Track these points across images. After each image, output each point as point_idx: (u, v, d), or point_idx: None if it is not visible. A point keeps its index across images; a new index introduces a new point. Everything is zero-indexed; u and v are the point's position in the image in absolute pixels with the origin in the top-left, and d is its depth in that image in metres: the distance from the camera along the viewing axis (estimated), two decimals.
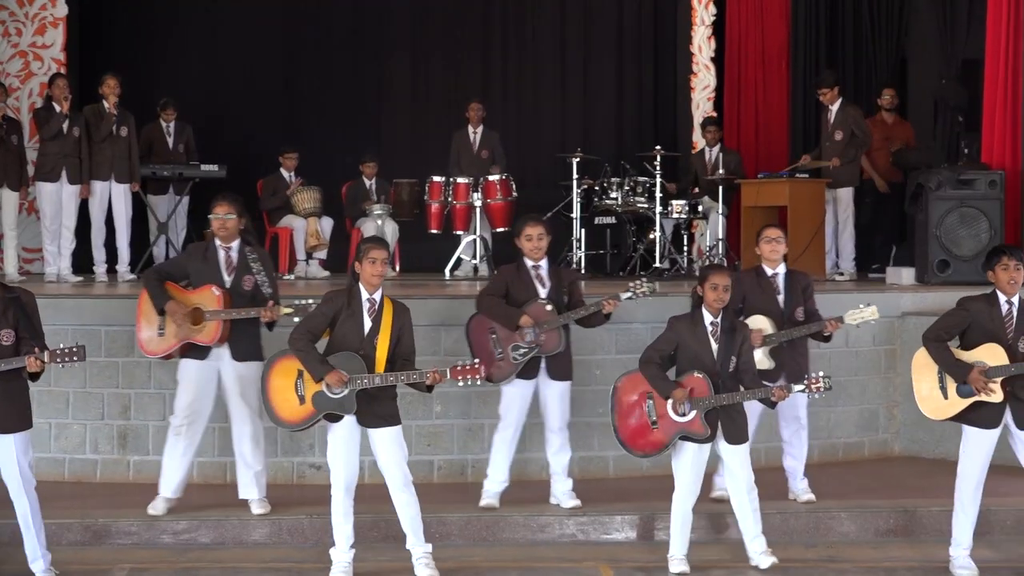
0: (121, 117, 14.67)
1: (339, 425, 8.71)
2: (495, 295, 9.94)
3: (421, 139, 18.75)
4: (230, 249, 9.84)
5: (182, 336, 9.68)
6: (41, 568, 8.61)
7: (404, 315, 8.84)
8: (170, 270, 10.04)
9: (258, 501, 9.95)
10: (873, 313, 9.93)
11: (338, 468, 8.75)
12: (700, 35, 18.41)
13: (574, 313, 9.89)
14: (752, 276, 10.12)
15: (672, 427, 8.86)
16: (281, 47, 18.97)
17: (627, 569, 9.11)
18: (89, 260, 14.85)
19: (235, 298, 9.70)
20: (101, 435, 11.09)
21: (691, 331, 8.91)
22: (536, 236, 9.95)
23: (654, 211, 15.83)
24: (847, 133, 15.53)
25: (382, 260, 8.75)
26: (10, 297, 8.50)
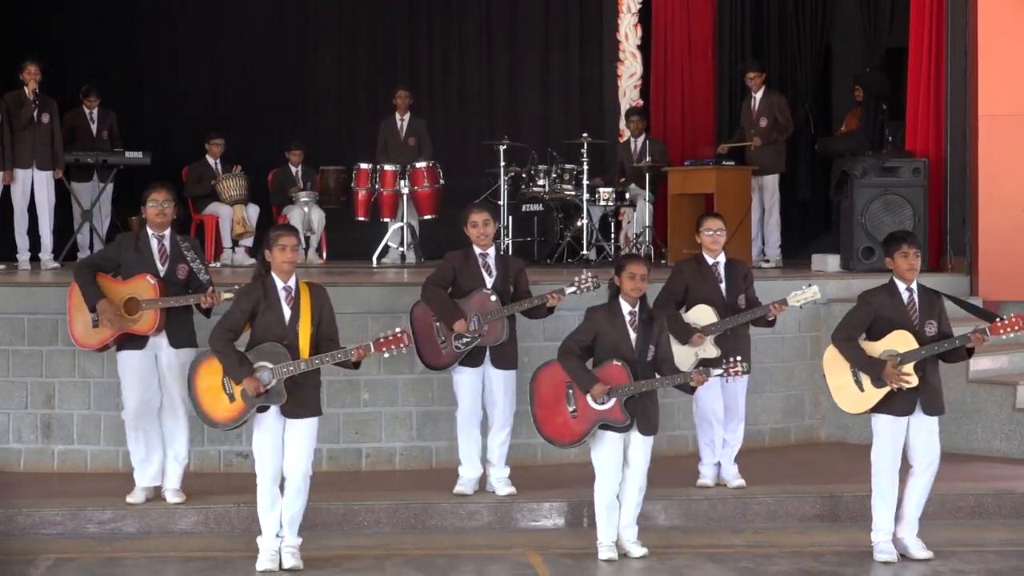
0: (42, 103, 14.52)
1: (264, 416, 8.66)
2: (440, 285, 9.90)
3: (348, 126, 18.69)
4: (163, 238, 9.76)
5: (117, 327, 9.60)
6: None
7: (321, 296, 8.80)
8: (100, 262, 9.93)
9: (174, 491, 9.88)
10: (815, 293, 10.01)
11: (264, 458, 8.71)
12: (626, 23, 18.40)
13: (518, 305, 9.89)
14: (694, 265, 10.16)
15: (592, 415, 8.87)
16: (206, 33, 18.85)
17: (555, 556, 9.11)
18: (12, 248, 14.70)
19: (169, 287, 9.63)
20: (24, 424, 10.97)
21: (609, 321, 8.91)
22: (481, 222, 9.92)
23: (581, 199, 15.84)
24: (771, 120, 15.63)
25: (292, 247, 8.70)
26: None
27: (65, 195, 15.42)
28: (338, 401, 10.83)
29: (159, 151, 15.96)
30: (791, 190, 16.93)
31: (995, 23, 13.56)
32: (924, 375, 8.77)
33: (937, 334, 8.82)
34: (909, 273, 8.87)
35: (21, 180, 14.54)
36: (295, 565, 8.67)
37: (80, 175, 15.71)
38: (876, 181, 13.89)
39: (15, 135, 14.44)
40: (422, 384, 10.98)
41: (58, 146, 14.76)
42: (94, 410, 10.89)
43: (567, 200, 16.10)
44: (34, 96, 14.45)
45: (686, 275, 10.12)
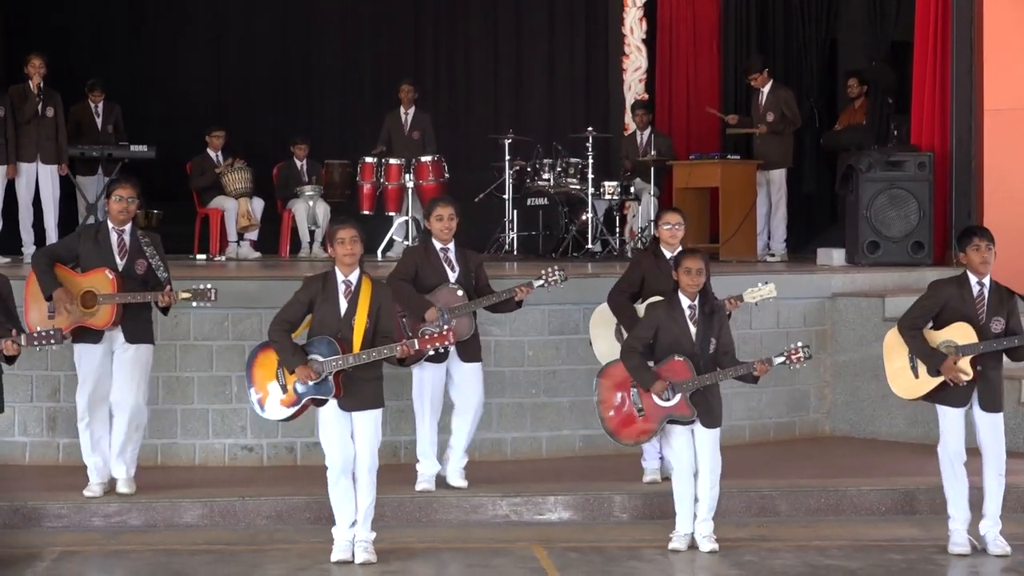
0: (47, 97, 14.52)
1: (325, 408, 8.69)
2: (404, 279, 9.86)
3: (352, 120, 18.68)
4: (123, 232, 9.71)
5: (73, 320, 9.55)
6: None
7: (381, 293, 8.79)
8: (60, 252, 9.89)
9: (125, 481, 9.85)
10: (771, 291, 9.94)
11: (331, 450, 8.72)
12: (632, 16, 18.40)
13: (486, 299, 9.89)
14: (651, 258, 10.07)
15: (659, 412, 8.87)
16: (211, 27, 18.85)
17: (560, 550, 9.10)
18: (17, 241, 14.70)
19: (127, 282, 9.57)
20: (30, 417, 10.99)
21: (669, 316, 8.92)
22: (446, 216, 9.90)
23: (586, 192, 15.83)
24: (778, 114, 15.62)
25: (351, 239, 8.67)
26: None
27: (70, 189, 15.42)
28: None
29: (163, 145, 15.96)
30: (797, 184, 16.90)
31: (1000, 17, 13.55)
32: (983, 371, 8.78)
33: (1003, 331, 8.79)
34: (982, 267, 8.85)
35: (26, 174, 14.54)
36: (367, 559, 8.68)
37: (85, 168, 15.72)
38: (881, 175, 13.86)
39: (19, 129, 14.43)
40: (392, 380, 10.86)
41: (62, 140, 14.76)
42: None
43: (572, 194, 16.08)
44: (38, 90, 14.45)
45: (642, 268, 10.05)
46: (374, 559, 8.69)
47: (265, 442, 11.01)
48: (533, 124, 18.27)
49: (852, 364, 12.13)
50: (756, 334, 11.28)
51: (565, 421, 11.26)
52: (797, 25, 18.34)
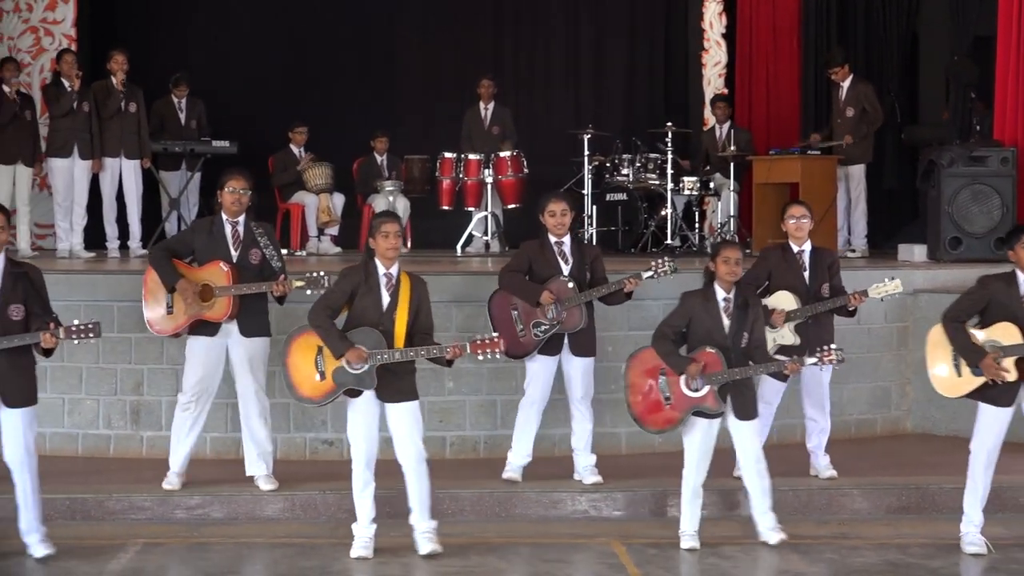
0: (129, 93, 14.68)
1: (358, 400, 8.72)
2: (518, 271, 9.94)
3: (433, 115, 18.72)
4: (237, 224, 9.83)
5: (192, 314, 9.67)
6: (36, 540, 8.62)
7: (421, 289, 8.84)
8: (176, 247, 10.00)
9: (265, 477, 9.96)
10: (897, 286, 9.95)
11: (358, 443, 8.78)
12: (711, 11, 18.37)
13: (596, 291, 9.90)
14: (778, 252, 10.12)
15: (685, 403, 8.87)
16: (292, 21, 18.92)
17: (639, 545, 9.10)
18: (101, 236, 14.87)
19: (242, 273, 9.68)
20: (114, 411, 11.12)
21: (703, 306, 8.92)
22: (559, 212, 9.94)
23: (666, 188, 15.81)
24: (859, 110, 15.52)
25: (395, 233, 8.73)
26: (18, 272, 8.54)
27: (154, 184, 15.57)
28: (423, 389, 10.75)
29: (245, 140, 16.07)
30: (877, 179, 16.80)
31: None
32: None
33: None
34: None
35: (110, 169, 14.71)
36: (433, 550, 8.71)
37: (168, 164, 15.85)
38: (964, 171, 13.74)
39: (103, 124, 14.59)
40: (505, 373, 11.00)
41: (145, 135, 14.91)
42: None
43: (651, 189, 16.07)
44: (121, 86, 14.60)
45: (770, 262, 10.09)
46: (440, 548, 8.72)
47: (345, 436, 11.01)
48: (612, 119, 18.27)
49: None
50: (837, 331, 11.16)
51: None
52: (878, 19, 18.23)
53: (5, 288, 8.47)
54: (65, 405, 11.02)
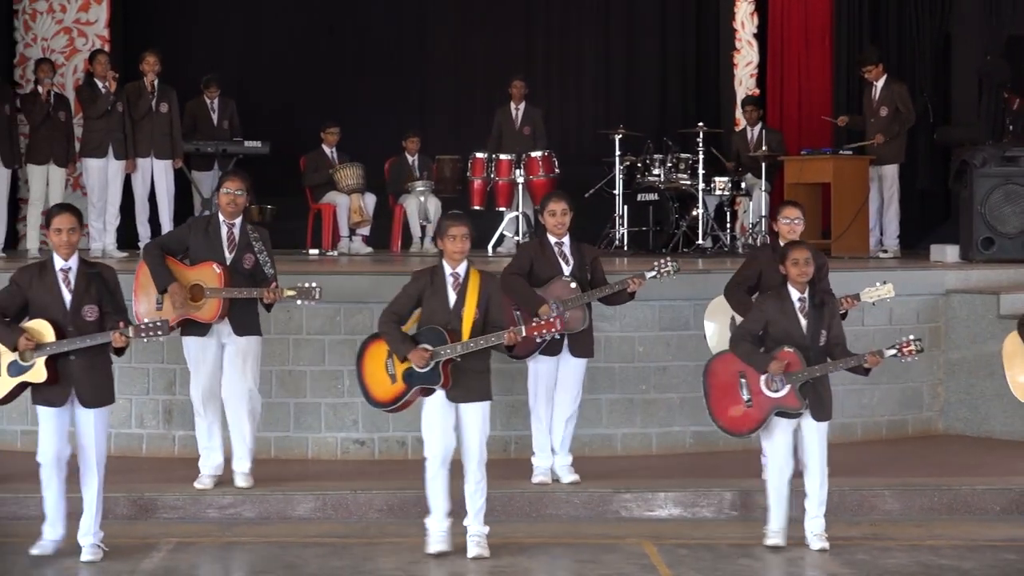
0: (161, 94, 14.76)
1: (432, 398, 8.74)
2: (518, 274, 9.89)
3: (464, 115, 18.73)
4: (233, 226, 9.83)
5: (181, 312, 9.67)
6: (90, 543, 8.63)
7: (491, 284, 8.82)
8: (170, 243, 10.01)
9: (244, 475, 9.96)
10: (889, 291, 9.87)
11: (432, 440, 8.77)
12: (743, 11, 18.34)
13: (598, 291, 9.90)
14: (768, 252, 10.03)
15: (767, 403, 8.82)
16: (323, 22, 18.96)
17: (670, 546, 9.08)
18: (134, 236, 14.93)
19: (235, 276, 9.68)
20: (146, 410, 11.16)
21: (779, 308, 8.87)
22: (559, 212, 9.93)
23: (697, 188, 15.79)
24: (892, 109, 15.48)
25: (462, 236, 8.72)
26: (92, 273, 8.60)
27: (186, 184, 15.63)
28: None
29: (277, 140, 16.11)
30: (910, 180, 16.74)
31: None
32: None
33: None
34: None
35: (141, 169, 14.79)
36: (479, 553, 8.70)
37: (201, 164, 15.91)
38: (996, 171, 13.70)
39: (135, 125, 14.67)
40: (505, 374, 10.94)
41: (177, 135, 14.98)
42: None
43: (683, 189, 16.05)
44: (152, 87, 14.68)
45: (760, 261, 9.98)
46: (487, 553, 8.71)
47: (377, 436, 11.10)
48: (643, 119, 18.23)
49: (966, 361, 12.01)
50: (868, 331, 11.19)
51: (675, 417, 11.24)
52: (910, 19, 18.16)
53: (79, 289, 8.53)
54: None
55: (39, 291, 8.53)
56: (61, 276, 8.55)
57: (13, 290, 8.60)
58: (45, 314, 8.48)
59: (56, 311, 8.49)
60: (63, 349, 8.41)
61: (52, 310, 8.49)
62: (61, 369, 8.48)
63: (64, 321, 8.47)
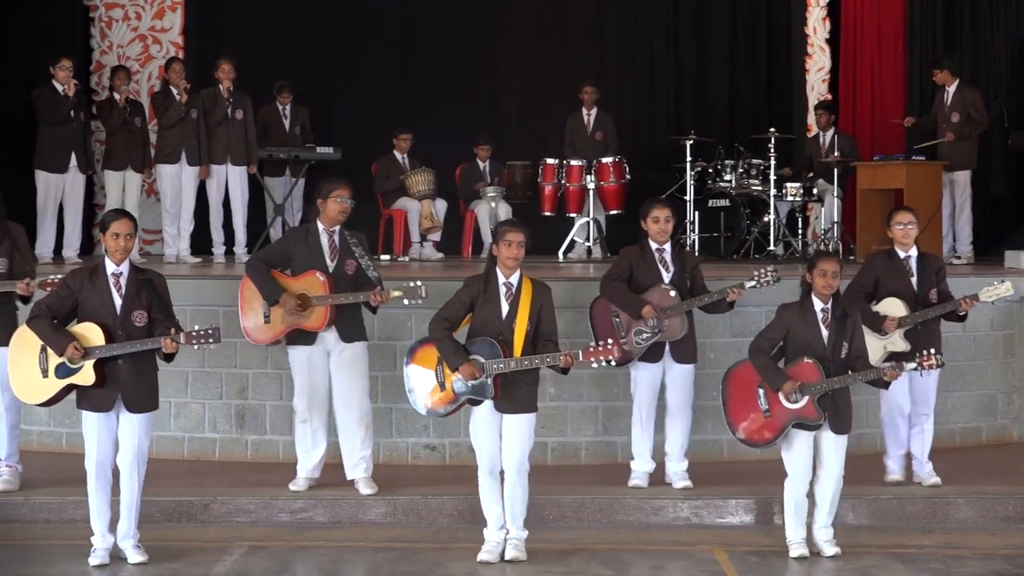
0: (236, 100, 14.87)
1: (480, 408, 8.77)
2: (619, 279, 9.95)
3: (535, 121, 18.74)
4: (333, 234, 9.91)
5: (289, 323, 9.76)
6: (131, 546, 8.72)
7: (543, 295, 8.83)
8: (272, 257, 10.08)
9: (365, 480, 10.02)
10: (1008, 289, 9.87)
11: (481, 451, 8.83)
12: (815, 16, 18.24)
13: (698, 300, 9.90)
14: (884, 259, 10.05)
15: (785, 415, 8.81)
16: (395, 28, 19.04)
17: (741, 553, 9.08)
18: (207, 241, 15.05)
19: (338, 283, 9.75)
20: (219, 414, 11.24)
21: (801, 318, 8.86)
22: (663, 218, 9.95)
23: (768, 194, 15.74)
24: (964, 115, 15.37)
25: (518, 243, 8.75)
26: (143, 279, 8.68)
27: (259, 190, 15.72)
28: None
29: (349, 146, 16.17)
30: (983, 186, 16.61)
31: None
32: None
33: None
34: None
35: (216, 175, 14.91)
36: (515, 556, 8.75)
37: (273, 170, 15.98)
38: None
39: (210, 131, 14.80)
40: (607, 379, 11.01)
41: (251, 142, 15.08)
42: (286, 401, 11.06)
43: (754, 195, 16.00)
44: (228, 93, 14.79)
45: (876, 268, 10.01)
46: (523, 556, 8.76)
47: (447, 441, 11.13)
48: (715, 125, 18.19)
49: None
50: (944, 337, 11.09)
51: None
52: (984, 24, 18.01)
53: (129, 295, 8.62)
54: (171, 409, 11.15)
55: (90, 294, 8.63)
56: (112, 280, 8.64)
57: (64, 293, 8.71)
58: (95, 317, 8.59)
59: (106, 315, 8.59)
60: (113, 353, 8.51)
61: (102, 314, 8.59)
62: (109, 373, 8.57)
63: (114, 325, 8.57)
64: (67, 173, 14.47)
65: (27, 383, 8.83)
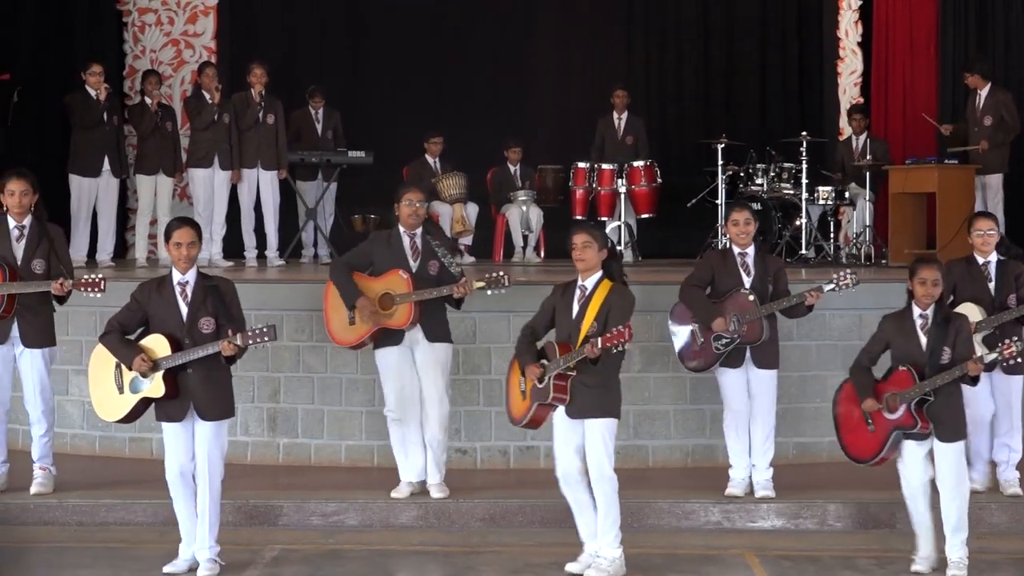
0: (268, 105, 14.90)
1: (555, 415, 8.64)
2: (698, 285, 9.95)
3: (565, 125, 18.73)
4: (414, 236, 9.98)
5: (373, 323, 9.81)
6: (207, 557, 8.68)
7: (615, 298, 8.57)
8: (355, 261, 10.13)
9: (438, 485, 10.05)
10: None
11: (555, 457, 8.71)
12: (847, 19, 18.20)
13: (776, 304, 9.84)
14: (962, 265, 9.96)
15: (886, 425, 8.62)
16: (426, 32, 19.04)
17: (773, 558, 9.06)
18: (239, 246, 15.09)
19: (421, 282, 9.80)
20: (251, 418, 11.27)
21: (899, 327, 8.72)
22: (743, 221, 9.92)
23: (800, 197, 15.70)
24: (996, 118, 15.30)
25: (581, 244, 8.60)
26: (209, 285, 8.72)
27: (290, 194, 15.76)
28: None
29: (381, 150, 16.19)
30: (1016, 189, 16.54)
31: None
32: None
33: None
34: None
35: (247, 179, 14.94)
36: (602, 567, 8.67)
37: (305, 174, 15.99)
38: None
39: (241, 136, 14.84)
40: (638, 383, 10.97)
41: (282, 146, 15.11)
42: (318, 404, 11.14)
43: (786, 199, 15.98)
44: (259, 98, 14.83)
45: (954, 275, 9.89)
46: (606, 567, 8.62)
47: (479, 445, 11.15)
48: (746, 129, 18.14)
49: None
50: None
51: (779, 428, 11.08)
52: (1017, 26, 17.94)
53: (195, 303, 8.66)
54: None
55: (158, 305, 8.66)
56: (179, 290, 8.67)
57: (133, 307, 8.75)
58: (164, 328, 8.62)
59: (174, 324, 8.62)
60: (176, 363, 8.52)
61: (170, 323, 8.62)
62: (180, 383, 8.59)
63: (181, 334, 8.60)
64: (100, 177, 14.52)
65: (105, 400, 8.89)
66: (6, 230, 9.87)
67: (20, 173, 9.94)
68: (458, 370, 10.99)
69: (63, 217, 13.92)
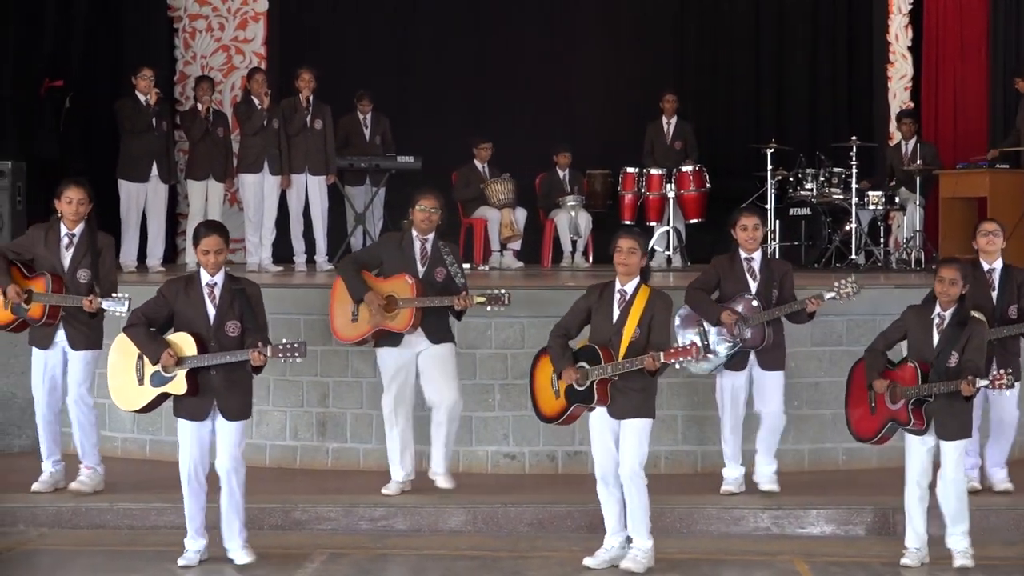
0: (316, 110, 14.94)
1: (594, 414, 8.75)
2: (703, 289, 10.00)
3: (614, 130, 18.70)
4: (426, 241, 10.03)
5: (375, 323, 9.89)
6: (238, 547, 8.83)
7: (658, 305, 8.70)
8: (364, 259, 10.30)
9: (444, 476, 10.14)
10: None
11: (595, 457, 8.81)
12: (897, 24, 18.13)
13: (777, 310, 9.89)
14: (968, 268, 9.90)
15: (884, 414, 8.81)
16: (475, 37, 19.07)
17: (823, 564, 9.02)
18: (289, 250, 15.14)
19: (427, 288, 9.89)
20: (301, 422, 11.32)
21: (918, 320, 8.82)
22: (751, 226, 9.94)
23: (850, 202, 15.64)
24: None
25: (627, 249, 8.72)
26: (236, 289, 8.78)
27: (339, 199, 15.79)
28: None
29: (429, 155, 16.21)
30: None
31: None
32: None
33: None
34: None
35: (296, 185, 14.98)
36: (627, 568, 8.69)
37: (353, 179, 16.03)
38: None
39: (290, 141, 14.88)
40: (687, 388, 10.98)
41: (331, 151, 15.14)
42: (367, 409, 11.17)
43: (835, 204, 15.92)
44: (307, 103, 14.88)
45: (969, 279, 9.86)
46: (638, 569, 8.67)
47: (527, 450, 11.15)
48: (795, 133, 18.11)
49: None
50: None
51: (827, 434, 11.17)
52: None
53: (223, 305, 8.74)
54: (254, 417, 11.10)
55: (185, 305, 8.75)
56: (207, 291, 8.75)
57: (160, 302, 8.84)
58: (190, 327, 8.71)
59: (200, 325, 8.71)
60: (203, 364, 8.63)
61: (196, 324, 8.71)
62: (202, 382, 8.69)
63: (207, 335, 8.69)
64: (148, 183, 14.61)
65: (123, 389, 8.99)
66: (57, 237, 9.96)
67: (79, 182, 10.05)
68: (507, 375, 11.05)
69: (113, 223, 14.01)
